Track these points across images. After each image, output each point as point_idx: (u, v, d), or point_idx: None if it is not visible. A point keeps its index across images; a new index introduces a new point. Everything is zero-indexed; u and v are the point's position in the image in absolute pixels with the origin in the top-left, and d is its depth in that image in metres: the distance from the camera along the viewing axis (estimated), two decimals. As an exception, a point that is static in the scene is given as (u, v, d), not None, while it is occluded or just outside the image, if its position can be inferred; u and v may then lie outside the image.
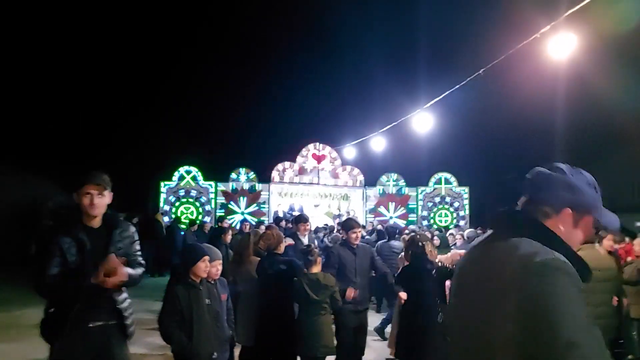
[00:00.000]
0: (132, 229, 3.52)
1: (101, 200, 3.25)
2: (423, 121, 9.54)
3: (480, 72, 6.22)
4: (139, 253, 3.53)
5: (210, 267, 4.21)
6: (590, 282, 5.15)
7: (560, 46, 5.25)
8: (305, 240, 6.75)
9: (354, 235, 5.71)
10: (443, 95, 7.27)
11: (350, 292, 5.39)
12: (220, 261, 4.50)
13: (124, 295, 3.39)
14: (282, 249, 5.55)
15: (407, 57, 20.60)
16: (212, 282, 4.32)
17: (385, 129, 11.60)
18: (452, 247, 9.80)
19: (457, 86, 6.76)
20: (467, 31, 16.48)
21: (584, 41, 5.36)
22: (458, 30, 17.27)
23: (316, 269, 5.23)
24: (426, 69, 18.41)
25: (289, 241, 6.33)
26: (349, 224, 5.88)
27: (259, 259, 5.63)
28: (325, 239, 10.78)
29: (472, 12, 16.61)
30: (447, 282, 5.24)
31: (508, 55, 5.65)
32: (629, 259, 7.38)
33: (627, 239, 8.16)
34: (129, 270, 3.24)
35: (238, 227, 16.70)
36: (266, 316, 5.26)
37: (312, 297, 5.05)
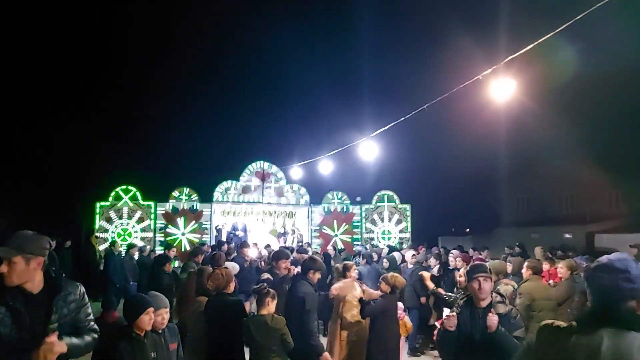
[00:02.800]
0: (81, 290, 3.11)
1: (13, 269, 2.74)
2: (369, 148, 9.71)
3: (425, 107, 6.44)
4: (90, 317, 3.15)
5: (155, 316, 4.00)
6: (540, 313, 5.37)
7: (499, 88, 5.58)
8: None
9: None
10: (389, 125, 7.48)
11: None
12: (167, 309, 4.26)
13: None
14: (231, 288, 5.39)
15: (354, 86, 21.08)
16: (159, 332, 4.11)
17: (331, 153, 11.72)
18: (402, 268, 9.95)
19: (403, 118, 6.97)
20: (415, 68, 17.16)
21: (521, 84, 5.70)
22: (407, 67, 17.96)
23: (266, 310, 5.05)
24: (373, 97, 18.92)
25: (267, 275, 6.20)
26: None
27: (207, 298, 5.45)
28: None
29: (422, 51, 17.32)
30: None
31: (452, 92, 5.91)
32: (551, 282, 7.76)
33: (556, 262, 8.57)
34: (73, 341, 2.88)
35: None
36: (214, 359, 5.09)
37: (258, 340, 4.90)
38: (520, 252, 12.20)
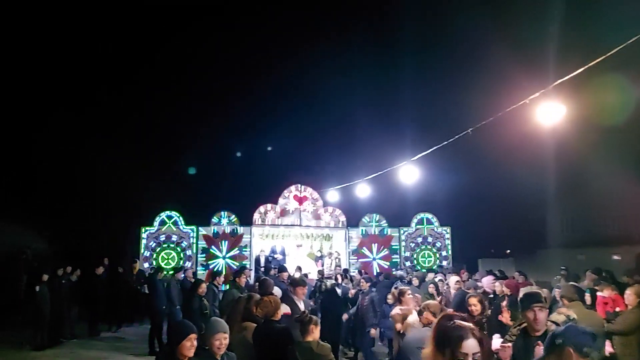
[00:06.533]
0: None
1: None
2: (409, 171, 9.66)
3: (469, 130, 6.40)
4: None
5: (213, 340, 4.10)
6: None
7: (547, 112, 5.49)
8: (302, 306, 6.53)
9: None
10: (432, 149, 7.46)
11: None
12: (225, 334, 4.22)
13: None
14: (279, 315, 5.43)
15: (395, 110, 20.97)
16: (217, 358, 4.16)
17: (370, 176, 11.72)
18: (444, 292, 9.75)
19: (446, 142, 6.94)
20: (460, 91, 16.93)
21: (569, 106, 5.59)
22: (451, 91, 17.77)
23: (311, 337, 5.05)
24: (415, 120, 18.81)
25: (285, 309, 6.16)
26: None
27: (255, 325, 5.49)
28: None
29: (467, 74, 17.13)
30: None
31: (497, 116, 5.86)
32: (617, 309, 7.40)
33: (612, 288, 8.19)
34: None
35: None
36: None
37: (303, 366, 4.90)
38: (567, 276, 11.73)
